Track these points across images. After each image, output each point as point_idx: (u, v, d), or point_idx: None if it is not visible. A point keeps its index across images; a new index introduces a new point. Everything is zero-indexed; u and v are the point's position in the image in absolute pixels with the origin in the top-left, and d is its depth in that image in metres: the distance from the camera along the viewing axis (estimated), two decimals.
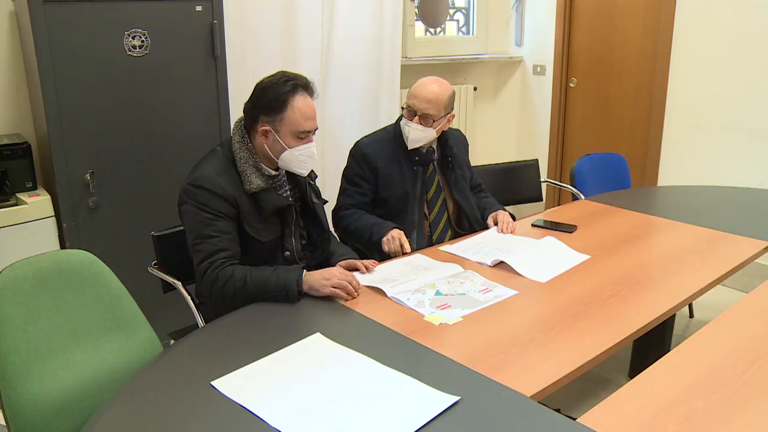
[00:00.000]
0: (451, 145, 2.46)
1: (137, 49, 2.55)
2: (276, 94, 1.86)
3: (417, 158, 2.38)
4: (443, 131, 2.41)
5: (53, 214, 2.52)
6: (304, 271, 1.82)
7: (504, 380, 1.40)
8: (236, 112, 2.77)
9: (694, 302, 3.34)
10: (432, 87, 2.30)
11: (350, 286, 1.80)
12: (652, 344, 2.65)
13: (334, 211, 2.41)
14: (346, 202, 2.39)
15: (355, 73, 3.68)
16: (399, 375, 1.41)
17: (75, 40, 2.41)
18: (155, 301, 2.26)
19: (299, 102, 1.87)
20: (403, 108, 2.36)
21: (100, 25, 2.45)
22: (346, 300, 1.80)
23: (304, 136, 1.91)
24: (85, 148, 2.52)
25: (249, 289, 1.78)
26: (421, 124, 2.29)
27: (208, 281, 1.81)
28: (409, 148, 2.35)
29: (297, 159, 1.92)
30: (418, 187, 2.39)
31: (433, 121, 2.30)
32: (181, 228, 2.06)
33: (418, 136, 2.31)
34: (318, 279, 1.80)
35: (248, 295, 1.79)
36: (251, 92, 1.93)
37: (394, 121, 2.46)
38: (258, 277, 1.79)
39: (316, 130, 1.94)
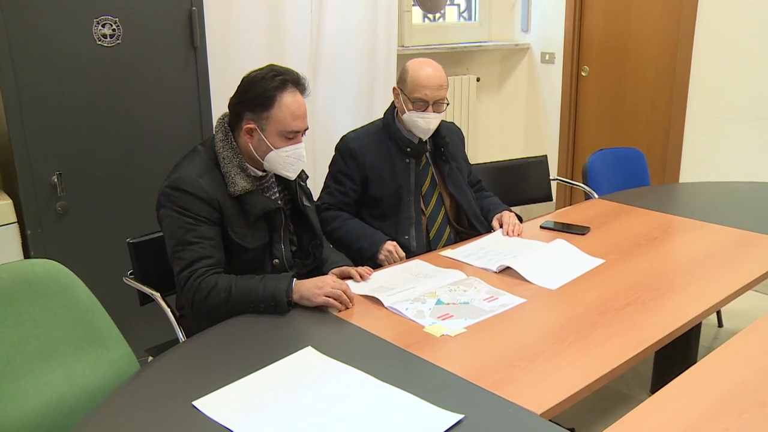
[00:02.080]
0: (444, 135, 2.48)
1: (108, 39, 2.54)
2: (263, 89, 1.86)
3: (409, 150, 2.40)
4: None
5: (16, 220, 2.51)
6: (294, 279, 1.82)
7: (511, 396, 1.40)
8: (218, 107, 2.78)
9: (722, 310, 3.35)
10: (436, 72, 2.35)
11: (344, 296, 1.80)
12: (675, 356, 2.65)
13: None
14: (326, 200, 2.44)
15: (347, 63, 3.68)
16: (397, 391, 1.41)
17: (37, 28, 2.40)
18: (131, 315, 2.25)
19: (288, 99, 1.87)
20: (412, 101, 2.33)
21: (66, 11, 2.44)
22: (340, 310, 1.80)
23: (292, 136, 1.91)
24: (52, 147, 2.51)
25: (234, 299, 1.78)
26: (434, 111, 2.36)
27: (190, 292, 1.81)
28: (424, 140, 2.42)
29: (284, 161, 1.92)
30: (412, 180, 2.41)
31: (446, 105, 2.38)
32: (160, 234, 2.06)
33: (435, 124, 2.39)
34: (310, 287, 1.80)
35: (233, 306, 1.79)
36: (237, 86, 1.93)
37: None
38: (244, 287, 1.79)
39: (306, 130, 1.95)
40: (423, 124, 2.35)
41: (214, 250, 1.85)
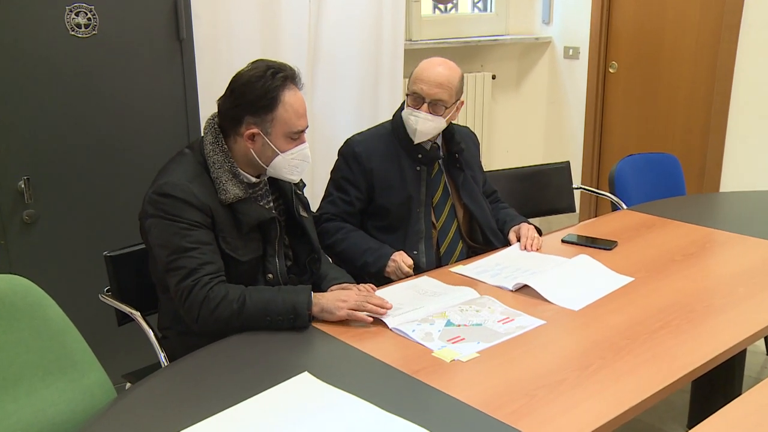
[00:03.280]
0: (458, 140, 2.49)
1: (82, 29, 2.56)
2: (264, 90, 1.89)
3: (420, 156, 2.41)
4: (449, 123, 2.44)
5: None
6: (312, 292, 1.87)
7: (529, 429, 1.40)
8: (206, 105, 2.79)
9: None
10: (440, 69, 2.35)
11: (371, 305, 1.86)
12: (716, 387, 2.64)
13: (315, 221, 2.43)
14: (328, 210, 2.44)
15: (349, 59, 3.70)
16: (403, 422, 1.41)
17: (1, 15, 2.41)
18: (107, 336, 2.26)
19: (290, 97, 1.91)
20: (408, 95, 2.37)
21: None
22: (369, 322, 1.84)
23: (297, 137, 1.95)
24: (18, 149, 2.52)
25: (248, 311, 1.81)
26: (430, 112, 2.32)
27: (196, 302, 1.82)
28: (415, 142, 2.39)
29: (289, 164, 1.96)
30: (423, 190, 2.42)
31: (445, 109, 2.34)
32: (141, 247, 2.07)
33: (427, 127, 2.35)
34: (331, 300, 1.86)
35: (247, 319, 1.82)
36: (228, 88, 1.95)
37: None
38: (260, 298, 1.83)
39: (306, 127, 1.98)
40: (412, 122, 2.35)
41: (214, 256, 1.88)
